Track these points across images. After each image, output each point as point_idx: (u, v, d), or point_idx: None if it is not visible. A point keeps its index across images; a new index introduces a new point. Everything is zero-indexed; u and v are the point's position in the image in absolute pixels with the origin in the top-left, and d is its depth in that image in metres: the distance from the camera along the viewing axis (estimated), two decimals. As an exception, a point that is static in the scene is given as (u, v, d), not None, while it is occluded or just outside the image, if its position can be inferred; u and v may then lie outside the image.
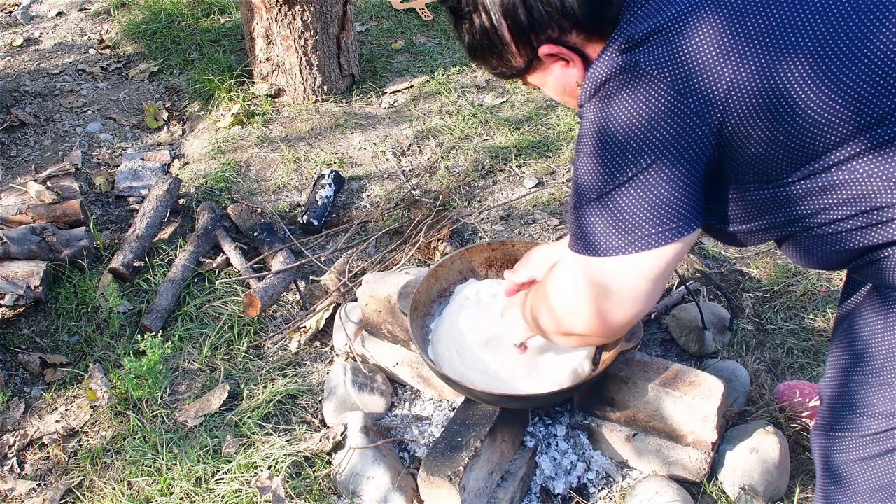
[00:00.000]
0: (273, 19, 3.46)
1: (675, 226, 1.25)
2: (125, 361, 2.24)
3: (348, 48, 3.67)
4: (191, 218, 3.01)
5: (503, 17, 1.31)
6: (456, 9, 1.37)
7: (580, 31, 1.29)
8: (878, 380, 1.35)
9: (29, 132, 3.55)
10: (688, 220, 1.25)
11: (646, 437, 1.99)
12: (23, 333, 2.54)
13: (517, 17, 1.29)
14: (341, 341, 2.41)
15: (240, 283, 2.67)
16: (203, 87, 3.70)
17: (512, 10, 1.29)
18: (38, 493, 2.07)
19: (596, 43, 1.30)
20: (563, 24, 1.28)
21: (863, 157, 1.18)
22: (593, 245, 1.30)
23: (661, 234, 1.25)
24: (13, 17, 4.53)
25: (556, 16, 1.27)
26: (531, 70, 1.39)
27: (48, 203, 2.82)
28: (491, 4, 1.31)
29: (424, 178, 3.17)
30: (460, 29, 1.40)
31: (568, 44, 1.31)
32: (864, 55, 1.13)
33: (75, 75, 3.98)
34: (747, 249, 2.74)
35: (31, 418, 2.29)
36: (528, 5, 1.27)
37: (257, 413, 2.21)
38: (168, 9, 4.30)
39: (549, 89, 1.44)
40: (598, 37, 1.29)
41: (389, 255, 2.71)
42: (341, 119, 3.57)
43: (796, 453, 2.06)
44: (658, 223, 1.24)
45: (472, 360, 1.92)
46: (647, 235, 1.25)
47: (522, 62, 1.37)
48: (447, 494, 1.77)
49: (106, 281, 2.65)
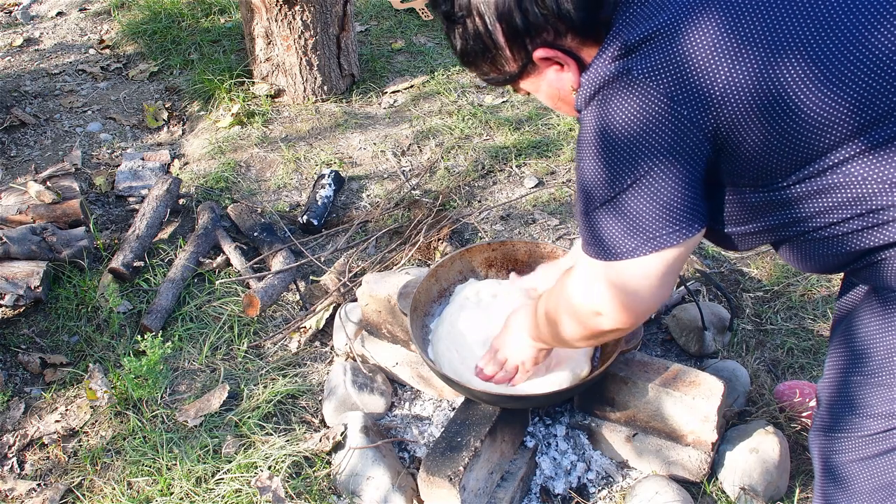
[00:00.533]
0: (273, 19, 3.46)
1: (681, 226, 1.26)
2: (125, 361, 2.24)
3: (348, 48, 3.67)
4: (191, 218, 3.01)
5: (497, 21, 1.31)
6: (449, 13, 1.36)
7: (575, 35, 1.29)
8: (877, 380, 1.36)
9: (29, 132, 3.55)
10: (693, 220, 1.27)
11: (646, 437, 1.99)
12: (23, 333, 2.54)
13: (512, 20, 1.29)
14: (341, 341, 2.41)
15: (240, 283, 2.67)
16: (203, 87, 3.70)
17: (507, 13, 1.29)
18: (38, 493, 2.07)
19: (590, 46, 1.30)
20: (558, 27, 1.28)
21: (860, 158, 1.18)
22: (607, 249, 1.31)
23: (669, 234, 1.27)
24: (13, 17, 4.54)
25: (551, 19, 1.27)
26: (524, 75, 1.39)
27: (48, 203, 2.82)
28: (485, 8, 1.30)
29: (424, 178, 3.17)
30: (453, 34, 1.39)
31: (563, 47, 1.31)
32: (862, 55, 1.13)
33: (75, 75, 3.98)
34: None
35: (31, 418, 2.29)
36: (524, 8, 1.27)
37: (257, 413, 2.21)
38: (168, 9, 4.30)
39: (542, 94, 1.43)
40: (593, 40, 1.29)
41: (389, 255, 2.71)
42: (341, 119, 3.57)
43: (796, 453, 2.06)
44: (666, 224, 1.26)
45: (472, 360, 1.92)
46: (657, 237, 1.27)
47: (516, 67, 1.37)
48: (447, 494, 1.77)
49: (106, 281, 2.65)
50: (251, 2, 3.47)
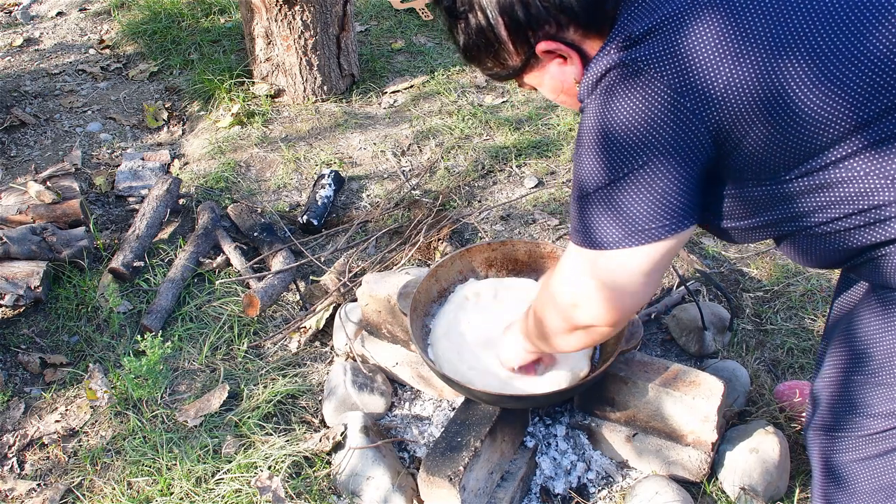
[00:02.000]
0: (273, 19, 3.46)
1: (672, 221, 1.25)
2: (125, 361, 2.24)
3: (348, 48, 3.67)
4: (191, 218, 3.01)
5: (500, 15, 1.31)
6: (451, 9, 1.36)
7: (578, 27, 1.29)
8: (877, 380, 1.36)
9: (29, 132, 3.55)
10: (685, 216, 1.26)
11: (646, 437, 1.99)
12: (23, 333, 2.54)
13: (514, 14, 1.29)
14: (341, 341, 2.41)
15: (240, 283, 2.67)
16: (203, 87, 3.70)
17: (509, 7, 1.29)
18: (38, 493, 2.07)
19: (593, 40, 1.30)
20: (560, 20, 1.28)
21: (860, 154, 1.18)
22: (593, 238, 1.30)
23: (658, 228, 1.26)
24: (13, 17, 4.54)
25: (553, 11, 1.27)
26: (528, 69, 1.39)
27: (48, 203, 2.82)
28: (487, 2, 1.30)
29: (424, 178, 3.17)
30: (455, 29, 1.39)
31: (566, 40, 1.31)
32: (862, 53, 1.13)
33: (75, 75, 3.98)
34: (747, 249, 2.73)
35: (31, 418, 2.29)
36: (526, 2, 1.27)
37: (257, 413, 2.21)
38: (168, 9, 4.30)
39: (546, 88, 1.43)
40: (596, 33, 1.29)
41: (389, 255, 2.71)
42: (341, 119, 3.57)
43: (796, 453, 2.06)
44: (656, 218, 1.25)
45: (472, 360, 1.92)
46: (645, 230, 1.26)
47: (519, 61, 1.37)
48: (447, 494, 1.77)
49: (106, 281, 2.65)
50: (251, 2, 3.47)
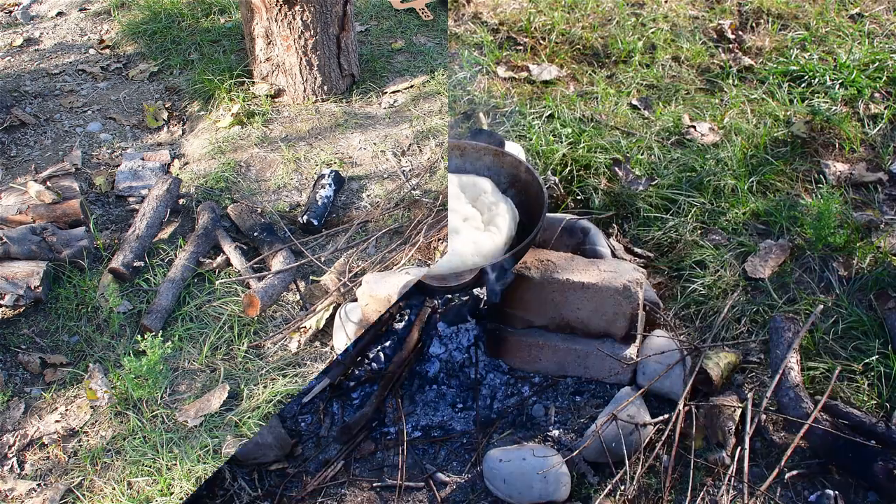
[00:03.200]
0: (273, 19, 3.46)
1: None
2: (125, 361, 2.24)
3: (348, 48, 3.67)
4: (191, 218, 3.00)
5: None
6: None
7: None
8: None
9: (29, 132, 3.55)
10: None
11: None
12: (23, 333, 2.54)
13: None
14: (341, 341, 2.41)
15: (240, 283, 2.67)
16: (203, 87, 3.70)
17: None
18: (38, 493, 2.07)
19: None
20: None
21: None
22: None
23: None
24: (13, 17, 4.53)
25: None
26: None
27: (48, 203, 2.82)
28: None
29: (424, 178, 3.17)
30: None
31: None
32: None
33: (75, 75, 3.98)
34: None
35: (31, 418, 2.29)
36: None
37: (257, 413, 2.21)
38: (168, 9, 4.30)
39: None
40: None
41: (389, 255, 2.71)
42: (341, 119, 3.57)
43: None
44: None
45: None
46: None
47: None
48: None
49: (106, 281, 2.65)
50: (251, 2, 3.47)
